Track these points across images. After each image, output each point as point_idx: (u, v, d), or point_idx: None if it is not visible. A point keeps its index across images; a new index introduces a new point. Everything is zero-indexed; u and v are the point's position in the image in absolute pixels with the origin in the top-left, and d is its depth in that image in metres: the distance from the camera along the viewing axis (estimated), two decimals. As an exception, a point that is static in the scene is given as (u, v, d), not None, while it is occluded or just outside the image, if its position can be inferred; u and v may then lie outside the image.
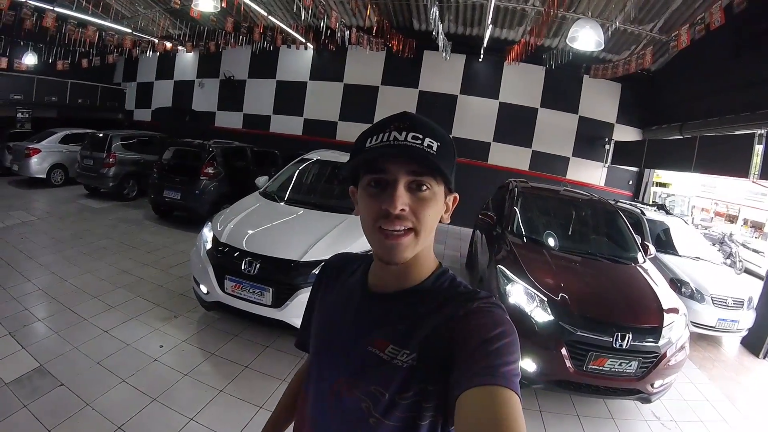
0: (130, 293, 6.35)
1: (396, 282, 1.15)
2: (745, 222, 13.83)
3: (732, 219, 14.28)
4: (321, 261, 4.74)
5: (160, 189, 10.47)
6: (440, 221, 1.13)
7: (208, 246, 5.31)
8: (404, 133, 1.03)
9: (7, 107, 15.00)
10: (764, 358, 7.45)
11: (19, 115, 15.72)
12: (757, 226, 13.39)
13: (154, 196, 10.68)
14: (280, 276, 4.78)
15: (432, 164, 1.01)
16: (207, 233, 5.52)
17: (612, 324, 4.43)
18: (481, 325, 0.99)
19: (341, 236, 5.22)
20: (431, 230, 1.09)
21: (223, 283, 4.94)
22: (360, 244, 4.91)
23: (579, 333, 4.38)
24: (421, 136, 1.03)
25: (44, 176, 13.30)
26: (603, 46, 8.26)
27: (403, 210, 1.01)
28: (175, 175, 10.58)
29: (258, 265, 4.82)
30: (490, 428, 0.83)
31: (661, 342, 4.46)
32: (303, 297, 4.61)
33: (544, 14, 9.38)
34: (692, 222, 13.54)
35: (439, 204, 1.09)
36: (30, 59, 14.98)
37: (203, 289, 5.17)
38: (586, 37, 7.80)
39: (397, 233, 1.03)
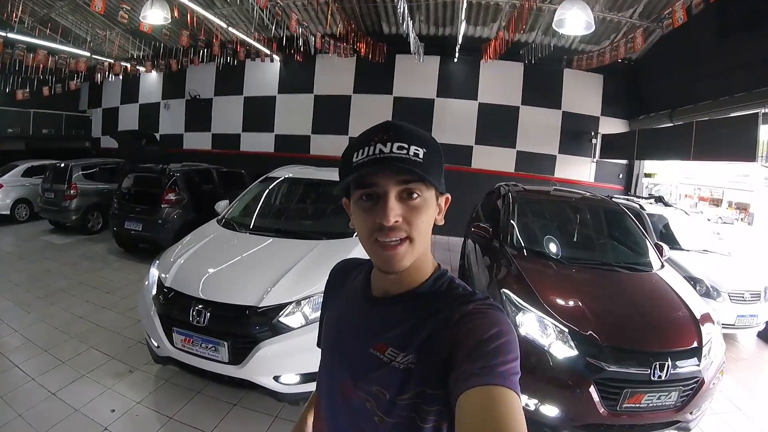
0: (84, 344, 5.66)
1: (395, 286, 1.17)
2: (730, 204, 13.61)
3: (716, 203, 14.12)
4: (285, 304, 3.94)
5: (121, 220, 9.85)
6: (435, 223, 1.14)
7: (154, 291, 4.50)
8: (389, 145, 1.03)
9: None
10: (784, 350, 7.10)
11: (-19, 149, 15.12)
12: (741, 207, 13.20)
13: (116, 228, 10.03)
14: (235, 327, 3.98)
15: (419, 174, 1.02)
16: (154, 274, 4.72)
17: (648, 353, 3.75)
18: (477, 326, 0.99)
19: (310, 269, 4.38)
20: (426, 235, 1.11)
21: (171, 336, 4.13)
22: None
23: (610, 368, 3.67)
24: (406, 146, 1.04)
25: (8, 212, 12.78)
26: (593, 28, 7.77)
27: (396, 221, 1.03)
28: (136, 204, 9.99)
29: (208, 315, 3.97)
30: (490, 428, 0.82)
31: (702, 364, 3.83)
32: (266, 351, 3.86)
33: (521, 7, 8.97)
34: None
35: (431, 209, 1.10)
36: (-15, 90, 14.37)
37: (153, 342, 4.37)
38: (574, 19, 7.28)
39: (394, 243, 1.04)
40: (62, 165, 12.01)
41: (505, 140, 14.45)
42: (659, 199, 10.18)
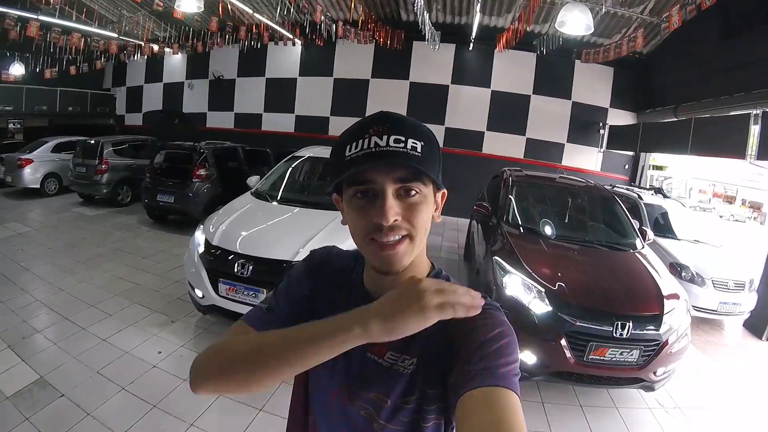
0: (127, 300, 6.34)
1: (390, 287, 1.02)
2: (743, 202, 13.73)
3: (730, 200, 14.18)
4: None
5: (153, 193, 10.47)
6: (432, 220, 1.09)
7: (201, 250, 5.28)
8: (385, 138, 0.98)
9: (-2, 119, 14.99)
10: (767, 339, 7.49)
11: (11, 125, 15.68)
12: (755, 206, 13.31)
13: (148, 200, 10.66)
14: (273, 277, 4.69)
15: (419, 169, 0.98)
16: (199, 237, 5.49)
17: (612, 313, 4.39)
18: (478, 327, 0.98)
19: (332, 234, 5.14)
20: (425, 233, 1.06)
21: (217, 286, 4.92)
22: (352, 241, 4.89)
23: (578, 323, 4.35)
24: (403, 138, 0.98)
25: (38, 186, 13.30)
26: (592, 30, 8.19)
27: (395, 220, 0.98)
28: (168, 178, 10.60)
29: (251, 267, 4.80)
30: (491, 429, 0.81)
31: (662, 329, 4.44)
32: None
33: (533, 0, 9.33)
34: (689, 204, 13.55)
35: (430, 205, 1.05)
36: (17, 70, 14.99)
37: (198, 293, 5.15)
38: (575, 22, 7.73)
39: (393, 242, 1.00)
40: (93, 141, 12.61)
41: (515, 127, 14.73)
42: (658, 191, 10.64)
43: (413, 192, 1.00)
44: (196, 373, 1.07)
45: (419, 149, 0.98)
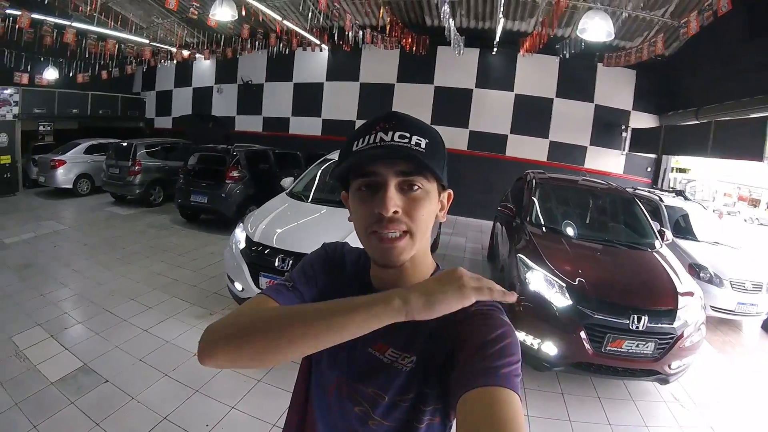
0: (165, 294, 6.62)
1: (394, 285, 1.06)
2: None
3: (755, 203, 14.10)
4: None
5: (187, 194, 10.79)
6: (436, 219, 1.12)
7: (242, 245, 5.58)
8: (390, 134, 1.02)
9: (30, 121, 15.35)
10: (785, 341, 7.45)
11: (41, 128, 16.09)
12: None
13: (182, 200, 11.00)
14: None
15: (420, 162, 1.00)
16: (240, 233, 5.79)
17: (628, 307, 4.58)
18: (480, 327, 0.99)
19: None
20: (427, 230, 1.08)
21: (257, 279, 5.20)
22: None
23: (596, 316, 4.55)
24: (408, 135, 1.02)
25: (71, 186, 13.74)
26: (613, 36, 8.34)
27: (395, 212, 1.00)
28: (201, 179, 10.90)
29: (290, 261, 5.08)
30: (491, 429, 0.82)
31: (676, 323, 4.60)
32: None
33: (555, 4, 9.42)
34: (713, 207, 13.50)
35: (432, 203, 1.08)
36: (51, 74, 15.34)
37: (238, 286, 5.43)
38: (596, 28, 7.91)
39: (392, 236, 1.02)
40: (125, 143, 13.00)
41: (538, 130, 14.80)
42: (679, 193, 10.71)
43: (416, 187, 1.03)
44: (207, 341, 1.03)
45: (423, 146, 1.02)
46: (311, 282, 1.26)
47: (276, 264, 5.12)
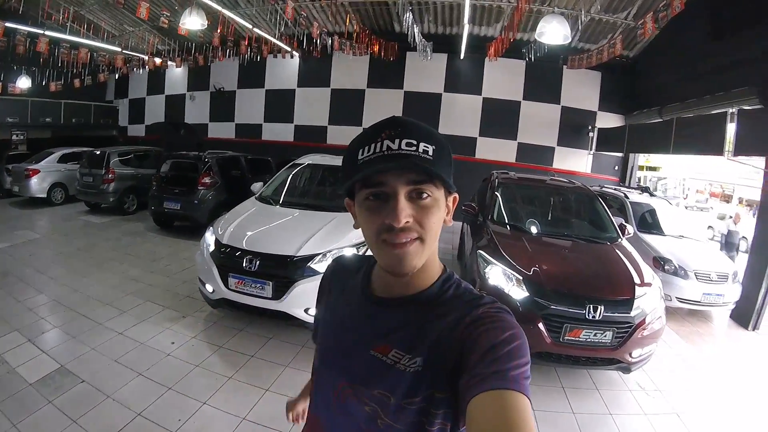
0: (140, 298, 6.71)
1: (401, 288, 1.13)
2: (740, 201, 13.92)
3: (727, 198, 14.34)
4: (314, 255, 5.22)
5: (160, 201, 10.83)
6: (444, 223, 1.10)
7: (212, 248, 5.72)
8: (397, 141, 0.99)
9: (3, 130, 15.28)
10: (753, 329, 7.76)
11: (14, 137, 16.01)
12: (752, 204, 13.46)
13: (155, 207, 11.01)
14: (278, 270, 5.22)
15: (430, 171, 0.99)
16: (209, 237, 5.93)
17: (584, 297, 4.74)
18: (489, 330, 0.98)
19: (331, 232, 5.65)
20: (436, 236, 1.07)
21: (227, 280, 5.35)
22: (349, 239, 5.47)
23: (553, 307, 4.72)
24: (415, 142, 0.99)
25: (45, 195, 13.59)
26: (569, 40, 8.59)
27: (407, 222, 0.99)
28: (174, 186, 10.98)
29: (258, 262, 5.24)
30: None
31: (633, 312, 4.75)
32: (300, 288, 5.10)
33: (517, 10, 9.63)
34: (685, 204, 13.79)
35: (441, 209, 1.06)
36: (24, 83, 15.29)
37: (209, 288, 5.58)
38: (553, 32, 8.19)
39: (404, 241, 1.01)
40: (99, 152, 12.95)
41: (507, 133, 15.15)
42: (645, 190, 10.99)
43: (425, 195, 1.01)
44: None
45: (431, 153, 0.99)
46: (319, 304, 1.43)
47: (244, 265, 5.27)
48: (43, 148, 14.92)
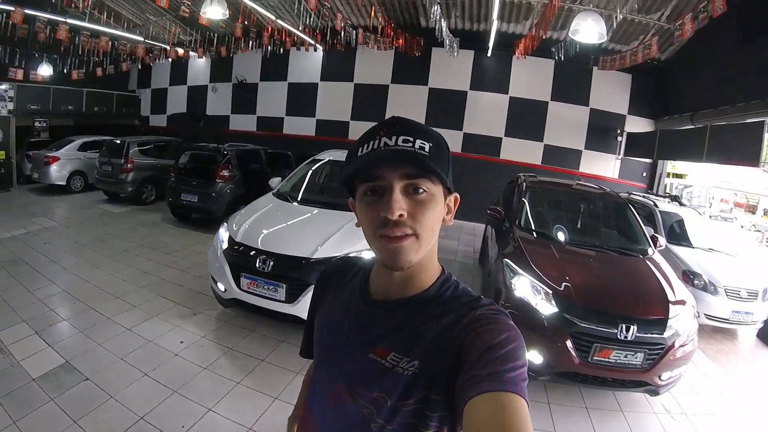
0: (151, 293, 6.60)
1: (399, 290, 1.14)
2: (765, 212, 13.57)
3: (752, 209, 14.00)
4: (331, 258, 4.91)
5: (177, 192, 10.79)
6: (443, 222, 1.12)
7: (225, 246, 5.54)
8: (394, 138, 1.02)
9: (25, 117, 15.31)
10: (781, 350, 7.35)
11: (37, 124, 16.06)
12: None
13: (172, 199, 11.00)
14: (293, 273, 5.00)
15: (424, 165, 1.00)
16: (223, 234, 5.75)
17: (616, 315, 4.46)
18: (486, 332, 0.98)
19: (349, 234, 5.39)
20: (433, 233, 1.08)
21: (239, 280, 5.17)
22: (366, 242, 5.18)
23: (583, 325, 4.44)
24: (411, 139, 1.02)
25: (64, 183, 13.72)
26: (605, 39, 8.30)
27: (401, 215, 1.00)
28: (192, 178, 10.92)
29: (272, 263, 5.04)
30: None
31: (666, 333, 4.47)
32: (315, 292, 4.88)
33: (550, 6, 9.34)
34: (710, 213, 13.46)
35: (438, 206, 1.07)
36: (45, 70, 15.27)
37: (221, 286, 5.40)
38: (588, 30, 7.87)
39: (399, 235, 1.01)
40: (119, 141, 12.98)
41: (533, 134, 14.77)
42: (675, 198, 10.69)
43: (421, 190, 1.03)
44: None
45: (427, 149, 1.02)
46: (312, 315, 1.43)
47: (257, 265, 5.08)
48: (65, 135, 15.01)
